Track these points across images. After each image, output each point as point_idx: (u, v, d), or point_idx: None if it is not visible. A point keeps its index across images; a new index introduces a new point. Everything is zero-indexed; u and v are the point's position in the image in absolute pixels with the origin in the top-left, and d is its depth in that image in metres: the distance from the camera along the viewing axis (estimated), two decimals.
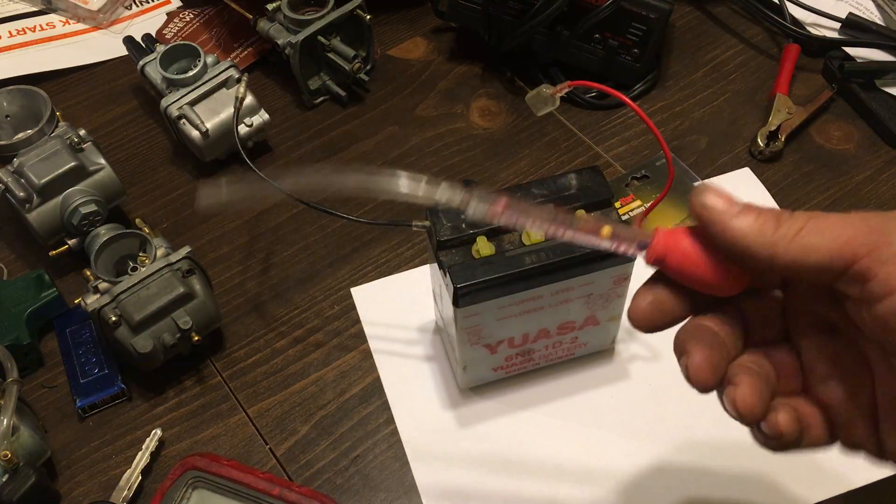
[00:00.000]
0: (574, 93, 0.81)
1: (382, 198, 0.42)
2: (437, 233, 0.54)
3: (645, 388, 0.63)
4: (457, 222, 0.54)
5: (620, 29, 0.77)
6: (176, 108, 0.74)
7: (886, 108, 0.78)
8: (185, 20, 0.90)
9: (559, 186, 0.56)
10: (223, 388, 0.66)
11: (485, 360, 0.60)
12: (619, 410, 0.63)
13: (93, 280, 0.63)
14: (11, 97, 0.72)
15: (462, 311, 0.54)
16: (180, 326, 0.62)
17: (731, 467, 0.60)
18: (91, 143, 0.70)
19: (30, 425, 0.59)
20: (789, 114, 0.77)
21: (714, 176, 0.75)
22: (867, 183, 0.75)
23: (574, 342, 0.62)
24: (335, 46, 0.79)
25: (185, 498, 0.57)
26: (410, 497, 0.60)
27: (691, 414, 0.62)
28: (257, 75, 0.85)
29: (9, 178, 0.67)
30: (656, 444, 0.61)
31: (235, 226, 0.75)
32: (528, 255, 0.53)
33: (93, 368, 0.65)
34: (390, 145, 0.79)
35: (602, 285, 0.56)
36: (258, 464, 0.62)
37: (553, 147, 0.79)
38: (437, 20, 0.88)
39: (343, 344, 0.67)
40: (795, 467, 0.59)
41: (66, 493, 0.61)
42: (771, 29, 0.86)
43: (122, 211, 0.75)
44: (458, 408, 0.63)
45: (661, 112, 0.80)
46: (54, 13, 0.91)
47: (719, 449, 0.60)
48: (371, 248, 0.72)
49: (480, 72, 0.85)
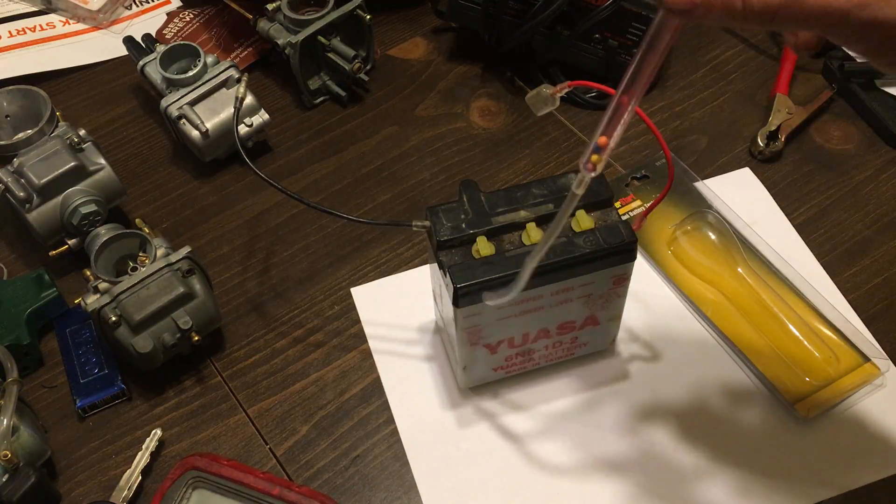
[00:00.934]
0: (574, 93, 0.81)
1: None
2: (437, 233, 0.54)
3: (645, 388, 0.63)
4: (457, 222, 0.54)
5: (620, 29, 0.77)
6: (176, 108, 0.74)
7: (886, 108, 0.78)
8: (185, 20, 0.90)
9: (559, 186, 0.56)
10: (223, 388, 0.66)
11: (485, 360, 0.60)
12: (619, 410, 0.63)
13: (93, 280, 0.63)
14: (11, 97, 0.72)
15: (462, 311, 0.54)
16: (180, 326, 0.62)
17: (731, 467, 0.60)
18: (91, 143, 0.70)
19: (30, 425, 0.59)
20: (789, 114, 0.77)
21: (714, 176, 0.75)
22: (867, 183, 0.75)
23: (574, 342, 0.62)
24: (335, 46, 0.79)
25: (185, 498, 0.57)
26: (410, 497, 0.60)
27: (691, 414, 0.62)
28: (257, 75, 0.85)
29: (9, 178, 0.67)
30: (656, 444, 0.61)
31: (235, 226, 0.75)
32: (528, 255, 0.53)
33: (93, 368, 0.65)
34: (390, 145, 0.79)
35: (602, 285, 0.56)
36: (258, 464, 0.62)
37: (553, 147, 0.79)
38: (437, 20, 0.88)
39: (343, 344, 0.67)
40: (796, 467, 0.59)
41: (66, 493, 0.61)
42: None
43: (122, 211, 0.75)
44: (458, 408, 0.63)
45: (661, 112, 0.80)
46: (54, 13, 0.91)
47: (719, 449, 0.60)
48: (371, 248, 0.72)
49: (480, 72, 0.85)
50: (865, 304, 0.67)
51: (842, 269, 0.69)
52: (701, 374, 0.64)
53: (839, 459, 0.60)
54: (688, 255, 0.70)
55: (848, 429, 0.61)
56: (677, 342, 0.65)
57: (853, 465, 0.60)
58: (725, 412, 0.62)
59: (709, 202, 0.72)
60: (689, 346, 0.65)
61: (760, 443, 0.61)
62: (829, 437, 0.61)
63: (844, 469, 0.59)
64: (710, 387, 0.63)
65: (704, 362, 0.64)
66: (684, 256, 0.70)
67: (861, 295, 0.68)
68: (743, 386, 0.63)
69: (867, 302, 0.67)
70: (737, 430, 0.61)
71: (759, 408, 0.62)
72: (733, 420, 0.62)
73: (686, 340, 0.66)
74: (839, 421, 0.61)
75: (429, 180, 0.77)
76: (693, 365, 0.64)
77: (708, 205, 0.72)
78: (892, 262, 0.70)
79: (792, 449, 0.60)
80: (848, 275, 0.69)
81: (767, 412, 0.62)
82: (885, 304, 0.67)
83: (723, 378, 0.64)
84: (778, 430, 0.61)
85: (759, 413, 0.62)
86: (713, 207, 0.72)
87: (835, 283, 0.68)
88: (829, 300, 0.66)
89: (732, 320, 0.66)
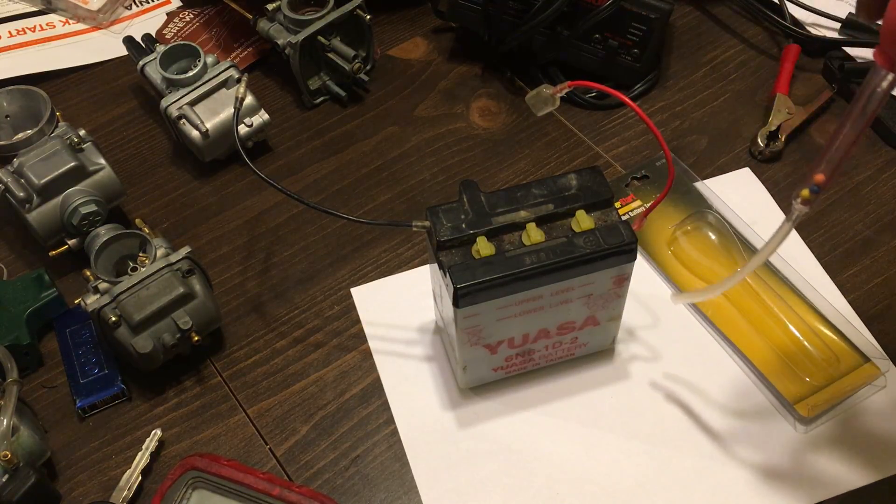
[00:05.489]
0: (574, 93, 0.81)
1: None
2: (437, 233, 0.54)
3: (645, 388, 0.63)
4: (457, 222, 0.54)
5: (620, 29, 0.77)
6: (176, 108, 0.74)
7: (886, 108, 0.78)
8: (185, 20, 0.90)
9: (559, 186, 0.56)
10: (223, 388, 0.66)
11: (485, 360, 0.60)
12: (619, 410, 0.63)
13: (93, 280, 0.63)
14: (11, 97, 0.72)
15: (462, 312, 0.54)
16: (180, 326, 0.62)
17: (731, 468, 0.60)
18: (91, 143, 0.70)
19: (30, 425, 0.59)
20: (789, 114, 0.77)
21: (714, 176, 0.75)
22: (867, 183, 0.75)
23: (574, 342, 0.62)
24: (335, 46, 0.79)
25: (185, 498, 0.57)
26: (410, 497, 0.60)
27: (691, 414, 0.62)
28: (257, 75, 0.85)
29: (9, 178, 0.67)
30: (656, 444, 0.61)
31: (235, 226, 0.75)
32: (528, 256, 0.53)
33: (93, 368, 0.65)
34: (390, 145, 0.79)
35: (602, 285, 0.56)
36: (258, 464, 0.62)
37: (553, 147, 0.79)
38: (437, 20, 0.88)
39: (343, 344, 0.67)
40: (796, 467, 0.59)
41: (66, 494, 0.61)
42: (771, 29, 0.86)
43: (122, 211, 0.75)
44: (458, 408, 0.63)
45: (661, 112, 0.80)
46: (54, 13, 0.91)
47: (719, 449, 0.60)
48: (371, 248, 0.72)
49: (480, 72, 0.85)
50: (865, 304, 0.67)
51: (842, 269, 0.69)
52: (701, 374, 0.64)
53: (839, 459, 0.60)
54: (688, 255, 0.70)
55: (848, 429, 0.61)
56: (677, 342, 0.65)
57: (853, 465, 0.60)
58: (725, 412, 0.62)
59: (709, 202, 0.72)
60: (689, 346, 0.65)
61: (760, 443, 0.61)
62: (829, 437, 0.61)
63: (844, 469, 0.59)
64: (710, 387, 0.63)
65: (704, 362, 0.64)
66: (684, 256, 0.70)
67: (861, 295, 0.68)
68: (743, 386, 0.63)
69: (867, 302, 0.67)
70: (737, 430, 0.61)
71: (760, 408, 0.62)
72: (733, 420, 0.62)
73: (686, 340, 0.66)
74: (839, 421, 0.61)
75: (429, 180, 0.77)
76: (693, 365, 0.64)
77: (708, 205, 0.72)
78: (892, 262, 0.70)
79: (792, 449, 0.60)
80: (848, 275, 0.69)
81: (767, 412, 0.62)
82: (885, 304, 0.67)
83: (723, 378, 0.64)
84: (778, 430, 0.61)
85: (759, 413, 0.62)
86: (713, 207, 0.72)
87: (835, 283, 0.68)
88: (829, 300, 0.66)
89: (732, 320, 0.66)
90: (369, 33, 0.81)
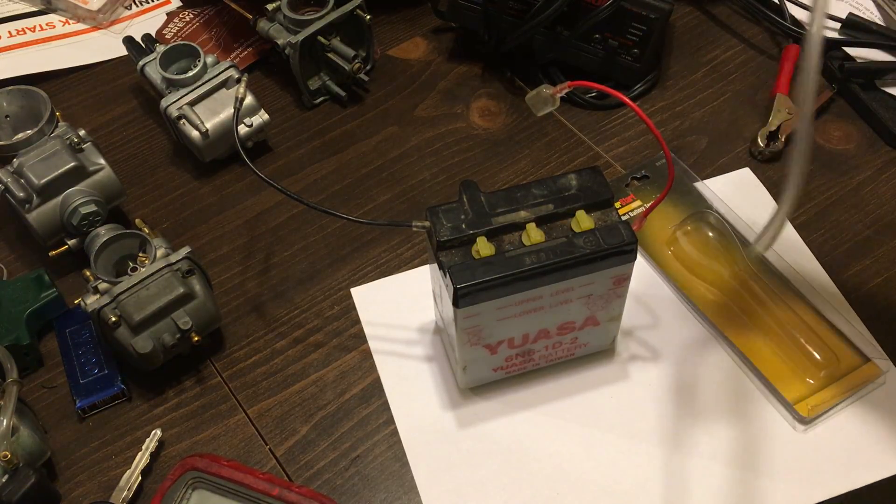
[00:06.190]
0: (574, 93, 0.81)
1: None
2: (437, 233, 0.54)
3: (645, 388, 0.63)
4: (457, 223, 0.54)
5: (620, 29, 0.77)
6: (176, 108, 0.74)
7: (886, 108, 0.78)
8: (184, 20, 0.90)
9: (559, 187, 0.56)
10: (223, 388, 0.66)
11: (485, 360, 0.60)
12: (619, 410, 0.63)
13: (93, 280, 0.63)
14: (11, 97, 0.72)
15: (462, 312, 0.54)
16: (180, 327, 0.62)
17: (731, 467, 0.60)
18: (91, 144, 0.70)
19: (30, 426, 0.59)
20: (789, 114, 0.77)
21: (714, 176, 0.75)
22: (867, 183, 0.75)
23: (574, 342, 0.62)
24: (335, 46, 0.79)
25: (185, 498, 0.57)
26: (410, 497, 0.60)
27: (691, 414, 0.62)
28: (257, 75, 0.85)
29: (9, 178, 0.67)
30: (656, 445, 0.61)
31: (235, 226, 0.75)
32: (528, 256, 0.53)
33: (93, 369, 0.65)
34: (390, 145, 0.79)
35: (602, 286, 0.56)
36: (258, 464, 0.62)
37: (553, 147, 0.79)
38: (437, 20, 0.88)
39: (343, 344, 0.67)
40: (796, 467, 0.59)
41: (66, 494, 0.61)
42: (771, 29, 0.86)
43: (122, 211, 0.75)
44: (458, 408, 0.63)
45: (661, 112, 0.80)
46: (54, 13, 0.91)
47: (719, 449, 0.60)
48: (371, 248, 0.72)
49: (480, 72, 0.85)
50: (865, 304, 0.67)
51: (842, 269, 0.69)
52: (701, 374, 0.64)
53: (839, 459, 0.60)
54: (688, 255, 0.70)
55: (848, 429, 0.61)
56: (677, 342, 0.65)
57: (853, 465, 0.60)
58: (725, 412, 0.62)
59: (709, 202, 0.72)
60: (689, 346, 0.65)
61: (761, 443, 0.61)
62: (829, 437, 0.61)
63: (844, 469, 0.59)
64: (710, 387, 0.63)
65: (704, 362, 0.64)
66: (684, 256, 0.70)
67: (861, 295, 0.68)
68: (743, 386, 0.63)
69: (867, 302, 0.67)
70: (737, 430, 0.61)
71: (760, 408, 0.62)
72: (733, 420, 0.62)
73: (686, 340, 0.66)
74: (839, 421, 0.61)
75: (429, 180, 0.77)
76: (693, 365, 0.64)
77: (708, 205, 0.72)
78: (892, 262, 0.70)
79: (792, 449, 0.60)
80: (848, 275, 0.69)
81: (767, 412, 0.62)
82: (885, 304, 0.67)
83: (723, 378, 0.64)
84: (778, 430, 0.61)
85: (759, 413, 0.62)
86: (713, 207, 0.72)
87: (835, 283, 0.68)
88: (829, 300, 0.66)
89: (732, 320, 0.66)
90: (369, 33, 0.81)
